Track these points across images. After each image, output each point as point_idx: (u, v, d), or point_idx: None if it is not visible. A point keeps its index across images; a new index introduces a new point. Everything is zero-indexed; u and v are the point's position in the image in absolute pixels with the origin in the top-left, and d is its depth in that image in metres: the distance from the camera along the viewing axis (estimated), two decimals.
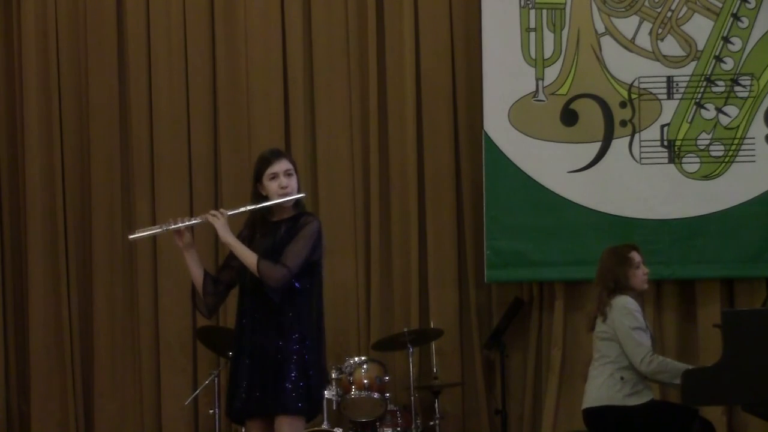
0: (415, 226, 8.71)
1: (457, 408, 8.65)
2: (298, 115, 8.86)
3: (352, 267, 8.77)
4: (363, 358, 8.21)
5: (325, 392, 7.66)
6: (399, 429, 8.07)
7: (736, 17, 8.28)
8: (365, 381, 8.01)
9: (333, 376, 8.04)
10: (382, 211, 8.78)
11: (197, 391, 8.41)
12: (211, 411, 8.11)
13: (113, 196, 8.99)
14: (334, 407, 8.03)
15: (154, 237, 8.64)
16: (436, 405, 8.20)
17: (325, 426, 7.89)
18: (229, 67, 8.92)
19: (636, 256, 6.78)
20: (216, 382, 8.12)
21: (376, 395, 7.98)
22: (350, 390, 7.99)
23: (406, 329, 8.26)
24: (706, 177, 8.30)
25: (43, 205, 9.00)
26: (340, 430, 8.00)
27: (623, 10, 8.37)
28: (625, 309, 6.62)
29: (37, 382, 8.97)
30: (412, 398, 8.13)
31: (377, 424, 8.03)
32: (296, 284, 5.64)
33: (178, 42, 8.95)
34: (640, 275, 6.78)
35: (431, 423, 8.20)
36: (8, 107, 9.12)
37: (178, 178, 8.92)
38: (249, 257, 5.64)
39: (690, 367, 6.66)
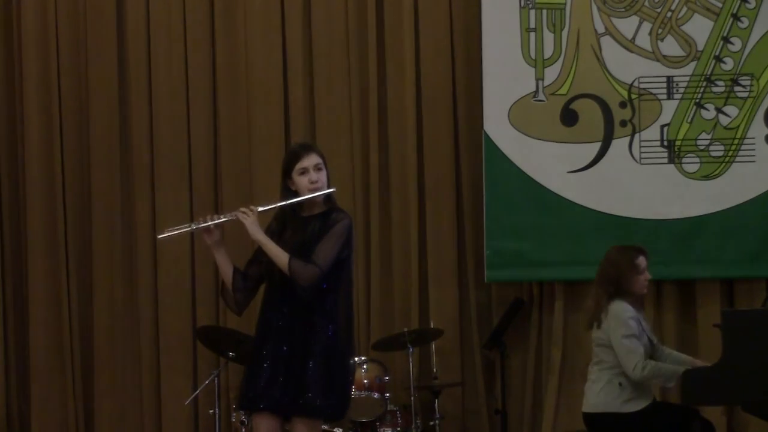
0: (415, 226, 8.71)
1: (457, 408, 8.65)
2: (298, 115, 8.86)
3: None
4: (363, 358, 8.21)
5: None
6: (399, 429, 8.07)
7: (736, 17, 8.28)
8: (365, 381, 8.01)
9: None
10: (382, 211, 8.78)
11: (197, 391, 8.40)
12: (211, 411, 8.10)
13: (113, 196, 8.99)
14: None
15: (154, 235, 8.71)
16: (436, 405, 8.20)
17: (325, 426, 7.88)
18: (229, 67, 8.91)
19: (642, 262, 6.75)
20: (216, 382, 8.11)
21: (376, 395, 7.98)
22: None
23: (406, 329, 8.26)
24: (706, 177, 8.30)
25: (43, 205, 8.99)
26: (340, 430, 8.00)
27: (623, 10, 8.37)
28: (619, 318, 6.60)
29: (37, 382, 8.97)
30: (412, 398, 8.13)
31: (377, 424, 8.03)
32: (324, 284, 5.58)
33: (178, 42, 8.95)
34: (642, 281, 6.76)
35: (431, 423, 8.20)
36: (8, 107, 9.12)
37: (178, 178, 8.92)
38: (280, 256, 5.58)
39: (684, 368, 6.66)
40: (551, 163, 8.39)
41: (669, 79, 8.34)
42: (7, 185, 9.11)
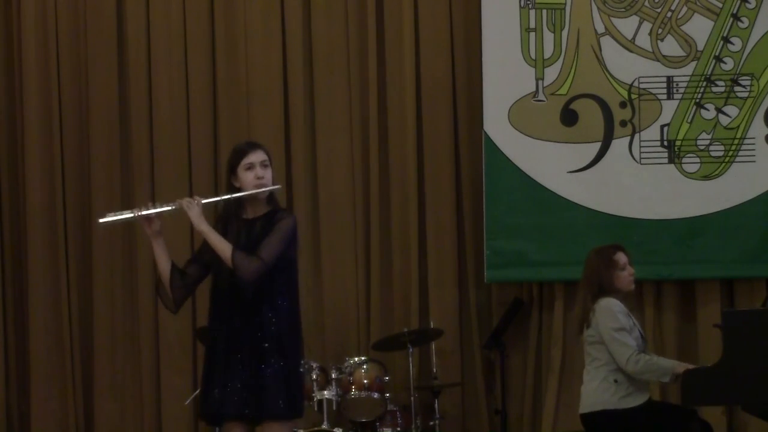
0: (415, 226, 8.71)
1: (457, 408, 8.65)
2: (298, 115, 8.86)
3: (352, 267, 8.77)
4: (363, 358, 8.22)
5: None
6: (399, 429, 8.07)
7: (736, 17, 8.28)
8: (365, 381, 8.02)
9: (333, 376, 8.04)
10: (382, 211, 8.78)
11: (197, 391, 8.38)
12: None
13: (113, 195, 8.98)
14: (334, 407, 8.03)
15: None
16: (436, 405, 8.20)
17: (325, 426, 7.89)
18: (229, 67, 8.91)
19: (621, 258, 6.71)
20: None
21: (376, 395, 7.99)
22: (350, 390, 7.99)
23: (406, 329, 8.27)
24: (706, 177, 8.30)
25: (43, 205, 8.99)
26: (340, 430, 8.00)
27: (623, 10, 8.37)
28: (608, 311, 6.57)
29: (37, 382, 8.97)
30: (412, 398, 8.13)
31: (377, 424, 8.04)
32: (273, 283, 5.51)
33: (178, 42, 8.95)
34: (626, 276, 6.70)
35: (431, 423, 8.20)
36: (8, 107, 9.12)
37: (178, 178, 8.91)
38: (224, 248, 5.47)
39: (679, 363, 6.65)
40: (551, 163, 8.39)
41: (669, 79, 8.34)
42: (7, 185, 9.10)
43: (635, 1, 8.36)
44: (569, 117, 8.42)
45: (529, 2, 8.40)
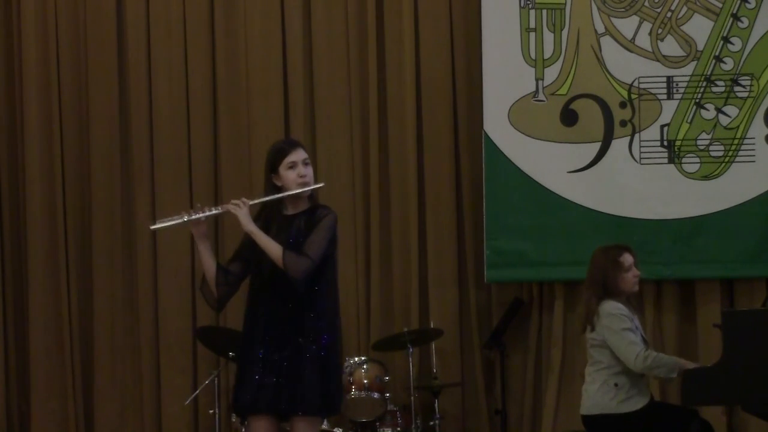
0: (415, 226, 8.71)
1: (456, 408, 8.65)
2: (298, 116, 8.86)
3: (352, 267, 8.77)
4: (363, 358, 8.22)
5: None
6: (399, 429, 8.08)
7: (736, 17, 8.28)
8: (365, 381, 8.02)
9: None
10: (382, 211, 8.79)
11: (197, 391, 8.41)
12: (211, 411, 8.11)
13: (113, 195, 8.99)
14: None
15: (155, 235, 8.71)
16: (436, 405, 8.20)
17: (325, 426, 7.89)
18: (229, 67, 8.92)
19: (627, 259, 6.69)
20: (216, 382, 8.12)
21: (376, 395, 7.99)
22: (350, 390, 7.99)
23: (406, 329, 8.27)
24: (706, 177, 8.30)
25: (43, 205, 8.99)
26: (340, 430, 8.01)
27: (623, 10, 8.37)
28: (612, 314, 6.56)
29: (37, 382, 8.97)
30: (412, 398, 8.14)
31: (377, 424, 8.04)
32: (315, 281, 5.59)
33: (178, 42, 8.95)
34: (630, 278, 6.68)
35: (431, 423, 8.20)
36: (8, 107, 9.12)
37: (178, 178, 8.92)
38: (274, 249, 5.57)
39: (685, 361, 6.65)
40: (551, 163, 8.39)
41: (669, 79, 8.34)
42: (7, 185, 9.11)
43: (635, 1, 8.36)
44: (569, 117, 8.42)
45: (529, 2, 8.40)
